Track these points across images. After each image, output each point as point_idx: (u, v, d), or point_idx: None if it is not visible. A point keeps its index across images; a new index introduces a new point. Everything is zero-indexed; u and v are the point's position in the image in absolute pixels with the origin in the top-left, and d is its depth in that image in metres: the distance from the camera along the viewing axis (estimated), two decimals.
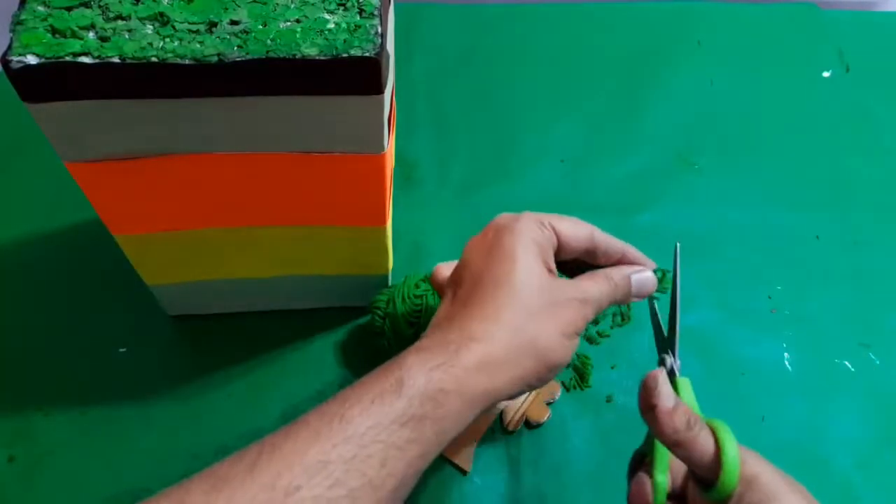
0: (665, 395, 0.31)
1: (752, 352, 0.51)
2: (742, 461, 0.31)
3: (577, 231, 0.36)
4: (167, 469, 0.44)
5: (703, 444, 0.31)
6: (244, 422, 0.47)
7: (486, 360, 0.30)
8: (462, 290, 0.34)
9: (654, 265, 0.38)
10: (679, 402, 0.32)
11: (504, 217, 0.35)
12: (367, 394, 0.29)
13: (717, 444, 0.31)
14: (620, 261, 0.37)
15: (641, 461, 0.35)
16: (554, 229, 0.35)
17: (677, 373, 0.36)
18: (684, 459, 0.32)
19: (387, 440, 0.28)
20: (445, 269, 0.40)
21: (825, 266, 0.56)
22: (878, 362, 0.51)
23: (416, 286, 0.47)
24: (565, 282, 0.34)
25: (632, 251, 0.37)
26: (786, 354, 0.51)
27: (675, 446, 0.31)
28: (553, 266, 0.35)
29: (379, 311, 0.47)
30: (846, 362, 0.50)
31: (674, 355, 0.36)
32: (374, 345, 0.48)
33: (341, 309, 0.51)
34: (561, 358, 0.33)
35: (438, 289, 0.41)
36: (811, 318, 0.53)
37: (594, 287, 0.35)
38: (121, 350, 0.49)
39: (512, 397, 0.33)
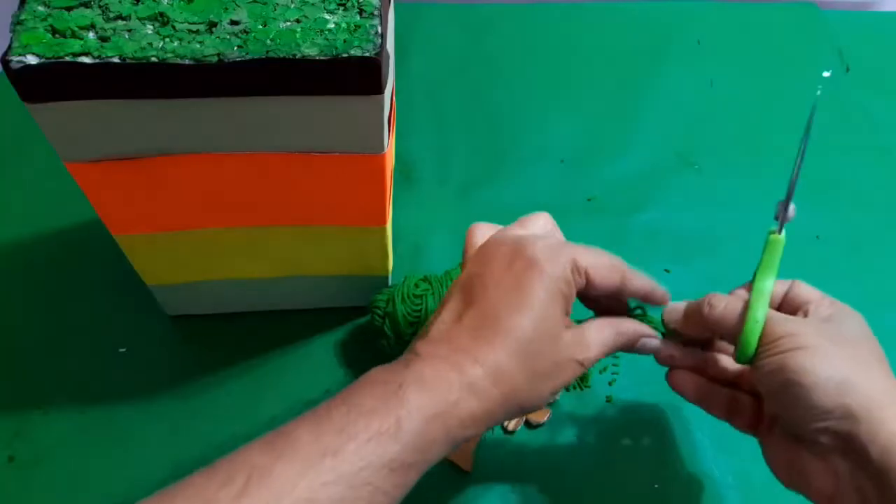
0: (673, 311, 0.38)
1: None
2: (775, 321, 0.33)
3: (610, 276, 0.34)
4: (167, 469, 0.44)
5: (726, 316, 0.35)
6: (244, 422, 0.47)
7: (476, 415, 0.31)
8: (476, 311, 0.32)
9: (668, 295, 0.38)
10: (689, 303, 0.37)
11: (539, 247, 0.33)
12: (365, 430, 0.28)
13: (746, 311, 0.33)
14: (646, 298, 0.37)
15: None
16: (587, 274, 0.33)
17: (782, 225, 0.38)
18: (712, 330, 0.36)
19: (376, 484, 0.28)
20: (485, 230, 0.37)
21: (825, 266, 0.56)
22: None
23: (416, 286, 0.47)
24: (572, 337, 0.33)
25: (659, 291, 0.37)
26: None
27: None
28: (570, 312, 0.34)
29: (379, 311, 0.47)
30: None
31: (787, 205, 0.38)
32: (375, 345, 0.48)
33: (341, 309, 0.51)
34: (537, 408, 0.33)
35: (467, 252, 0.37)
36: None
37: (596, 347, 0.34)
38: (121, 350, 0.49)
39: None
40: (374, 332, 0.47)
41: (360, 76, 0.33)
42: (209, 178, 0.38)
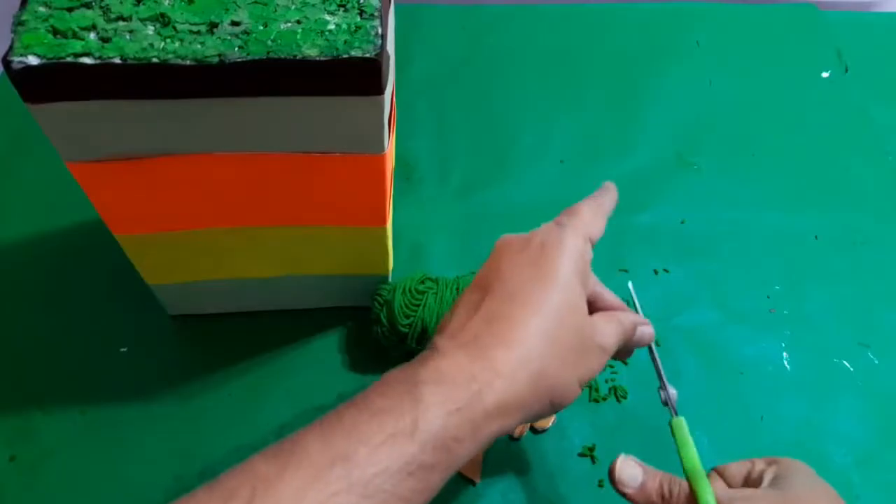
0: (628, 479, 0.34)
1: (750, 351, 0.51)
2: None
3: (602, 226, 0.35)
4: (167, 469, 0.45)
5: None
6: (244, 422, 0.47)
7: (505, 403, 0.28)
8: (492, 301, 0.31)
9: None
10: (649, 475, 0.34)
11: (549, 228, 0.33)
12: (379, 433, 0.26)
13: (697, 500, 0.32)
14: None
15: None
16: (590, 242, 0.34)
17: (673, 407, 0.37)
18: None
19: (391, 490, 0.26)
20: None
21: (824, 266, 0.56)
22: (876, 362, 0.51)
23: (421, 282, 0.47)
24: (590, 323, 0.32)
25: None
26: (785, 354, 0.51)
27: None
28: (587, 293, 0.33)
29: (379, 299, 0.47)
30: (845, 362, 0.51)
31: (665, 388, 0.38)
32: (375, 343, 0.48)
33: (341, 309, 0.51)
34: (570, 401, 0.31)
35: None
36: (810, 318, 0.53)
37: (612, 335, 0.33)
38: (121, 350, 0.49)
39: None
40: (371, 320, 0.48)
41: (361, 77, 0.33)
42: (210, 178, 0.38)
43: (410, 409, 0.27)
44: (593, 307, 0.36)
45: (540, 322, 0.30)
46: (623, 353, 0.37)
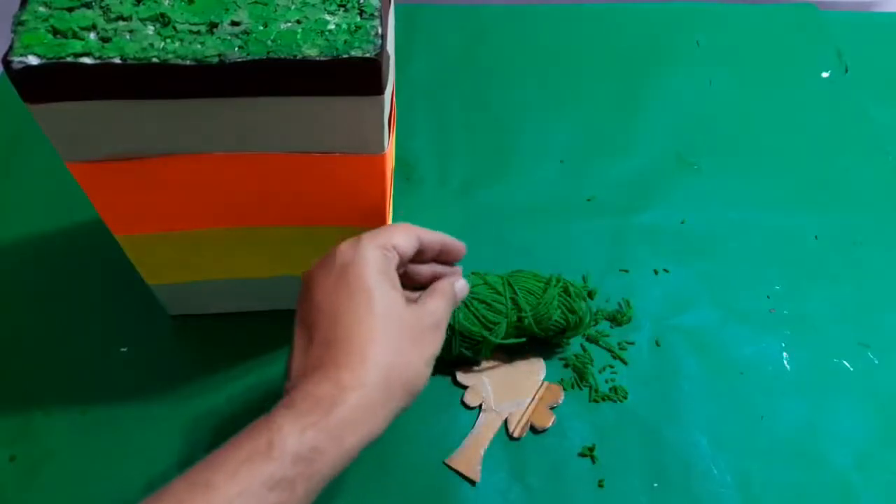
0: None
1: (750, 351, 0.51)
2: None
3: (410, 241, 0.36)
4: (167, 469, 0.45)
5: None
6: (244, 422, 0.46)
7: (362, 408, 0.30)
8: (320, 333, 0.33)
9: (463, 248, 0.40)
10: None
11: (345, 249, 0.35)
12: (236, 458, 0.28)
13: None
14: (441, 251, 0.39)
15: None
16: (395, 250, 0.35)
17: None
18: None
19: None
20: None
21: (824, 266, 0.56)
22: (876, 362, 0.51)
23: None
24: (418, 309, 0.35)
25: (448, 239, 0.39)
26: (784, 354, 0.51)
27: None
28: (401, 289, 0.35)
29: None
30: (845, 362, 0.51)
31: None
32: None
33: None
34: (424, 384, 0.34)
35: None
36: (810, 318, 0.53)
37: (440, 307, 0.36)
38: (121, 350, 0.49)
39: None
40: None
41: (361, 77, 0.33)
42: (210, 178, 0.38)
43: (265, 432, 0.29)
44: (418, 284, 0.39)
45: (370, 332, 0.32)
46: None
